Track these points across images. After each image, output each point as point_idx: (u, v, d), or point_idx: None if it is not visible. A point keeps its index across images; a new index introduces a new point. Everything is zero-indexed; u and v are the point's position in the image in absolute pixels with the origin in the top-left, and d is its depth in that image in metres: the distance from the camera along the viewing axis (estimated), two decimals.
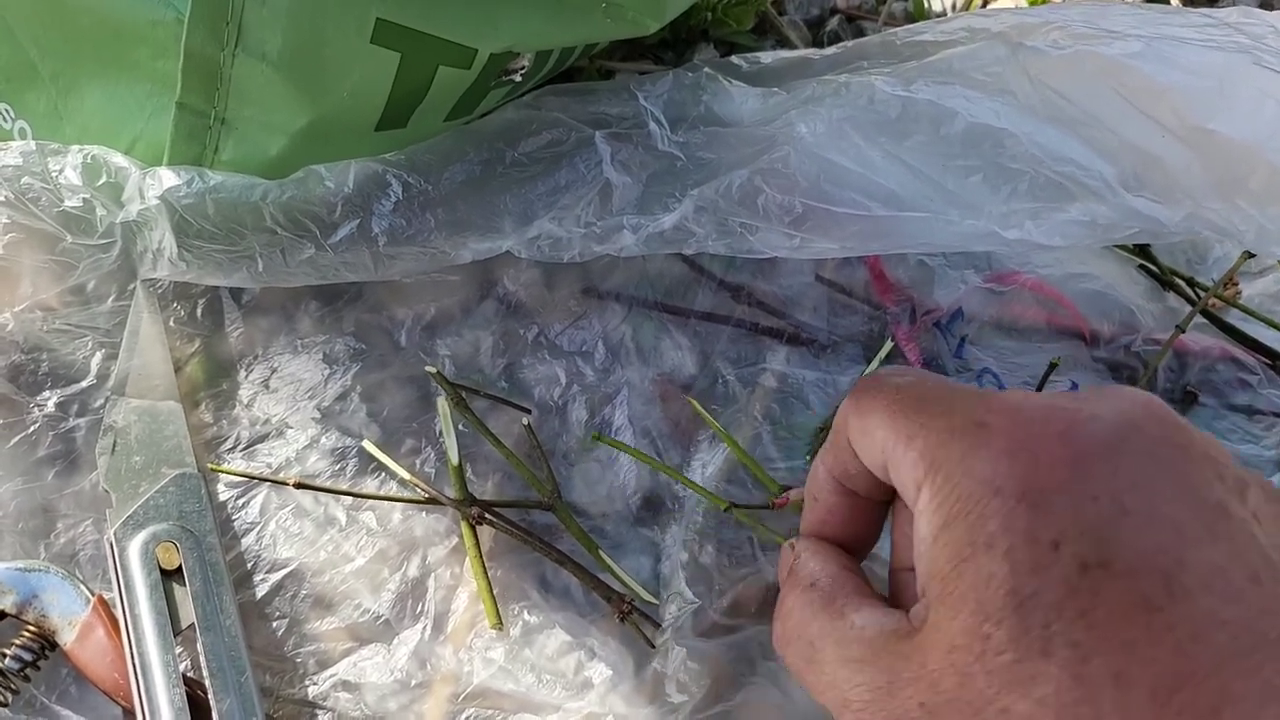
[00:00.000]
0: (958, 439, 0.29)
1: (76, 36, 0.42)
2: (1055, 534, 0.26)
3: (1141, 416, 0.28)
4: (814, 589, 0.33)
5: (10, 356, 0.45)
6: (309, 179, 0.44)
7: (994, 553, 0.27)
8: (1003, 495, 0.27)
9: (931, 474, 0.29)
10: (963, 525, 0.28)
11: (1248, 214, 0.44)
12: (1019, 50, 0.45)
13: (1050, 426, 0.28)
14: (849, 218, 0.45)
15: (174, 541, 0.42)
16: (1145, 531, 0.26)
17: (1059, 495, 0.27)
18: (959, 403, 0.30)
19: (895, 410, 0.31)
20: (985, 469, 0.28)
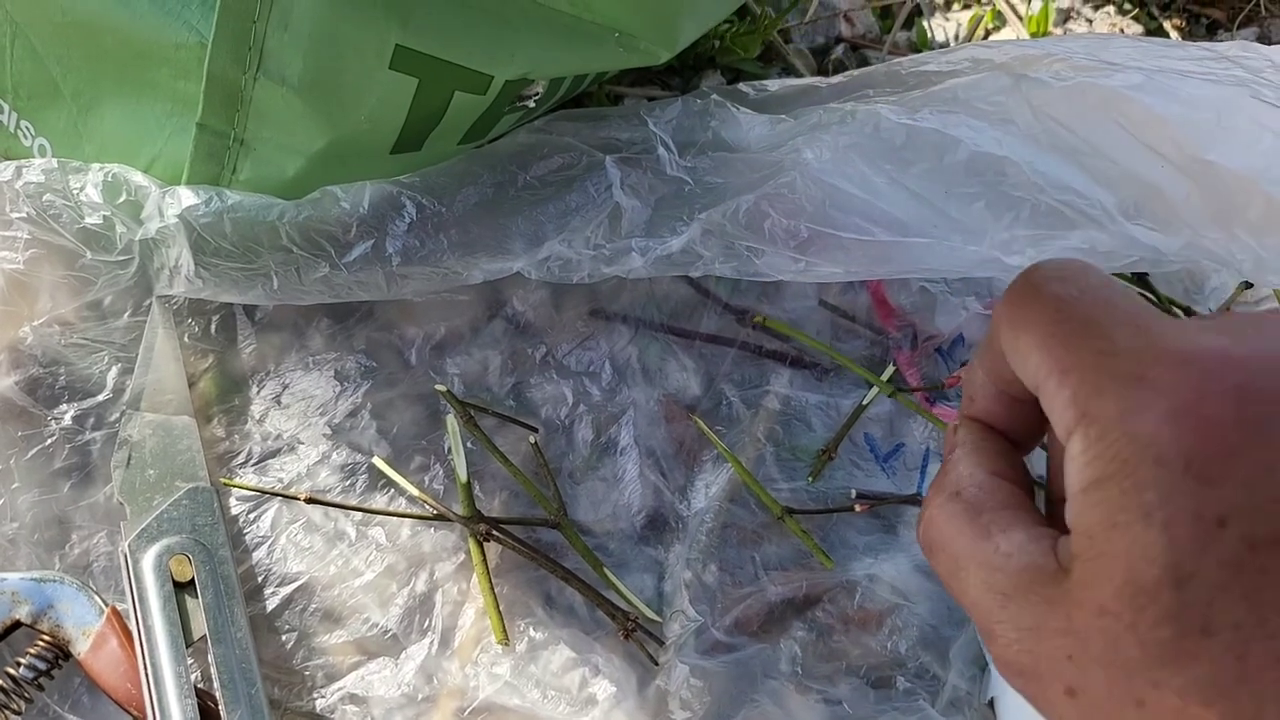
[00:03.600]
0: (1116, 390, 0.26)
1: (99, 56, 0.43)
2: (1223, 509, 0.25)
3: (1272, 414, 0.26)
4: (958, 498, 0.31)
5: (29, 370, 0.46)
6: (325, 199, 0.45)
7: (1151, 524, 0.25)
8: (1164, 463, 0.25)
9: (1084, 424, 0.27)
10: (1117, 488, 0.26)
11: (1245, 244, 0.45)
12: (1022, 81, 0.46)
13: (1224, 381, 0.26)
14: (854, 243, 0.46)
15: (187, 554, 0.43)
16: None
17: (1229, 466, 0.25)
18: (1122, 339, 0.27)
19: (1052, 335, 0.28)
20: (1146, 430, 0.25)
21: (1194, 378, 0.26)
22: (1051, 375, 0.28)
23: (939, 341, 0.56)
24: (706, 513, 0.49)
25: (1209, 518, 0.24)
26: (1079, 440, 0.27)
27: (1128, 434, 0.26)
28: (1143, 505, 0.25)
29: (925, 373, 0.55)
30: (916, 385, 0.54)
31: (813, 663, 0.47)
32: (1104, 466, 0.26)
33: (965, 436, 0.33)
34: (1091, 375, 0.27)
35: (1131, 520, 0.25)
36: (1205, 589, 0.24)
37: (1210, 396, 0.25)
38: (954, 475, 0.32)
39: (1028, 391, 0.31)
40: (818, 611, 0.48)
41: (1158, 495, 0.25)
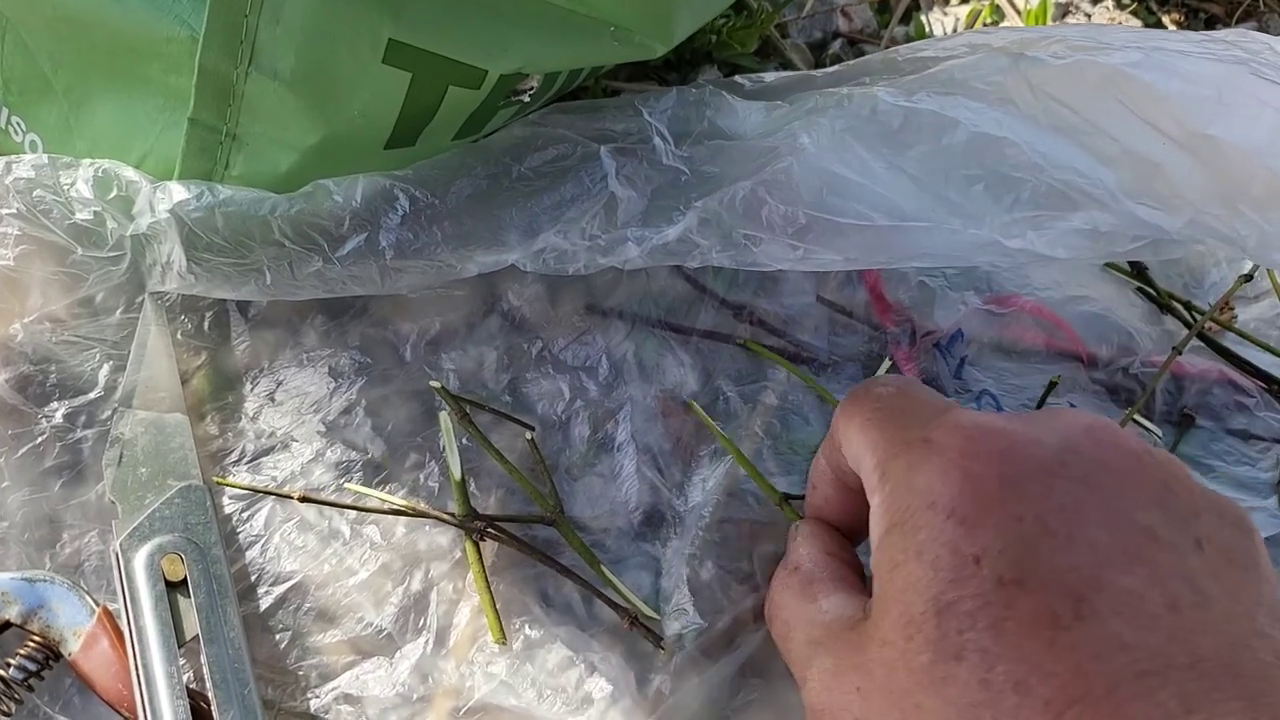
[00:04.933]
0: (905, 452, 0.31)
1: (90, 51, 0.42)
2: (978, 549, 0.28)
3: (1083, 441, 0.30)
4: (797, 573, 0.37)
5: (19, 367, 0.45)
6: (317, 193, 0.45)
7: (922, 561, 0.29)
8: (935, 509, 0.29)
9: (881, 483, 0.31)
10: (899, 533, 0.30)
11: (1250, 220, 0.45)
12: (1020, 60, 0.46)
13: (990, 445, 0.30)
14: (852, 228, 0.46)
15: (179, 553, 0.43)
16: (1063, 552, 0.28)
17: (986, 512, 0.28)
18: (918, 417, 0.32)
19: (869, 421, 0.34)
20: (923, 482, 0.30)
21: (968, 441, 0.30)
22: (865, 452, 0.33)
23: (937, 337, 0.55)
24: (704, 508, 0.49)
25: (967, 555, 0.28)
26: (877, 497, 0.32)
27: (910, 485, 0.30)
28: (917, 545, 0.29)
29: (924, 368, 0.55)
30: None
31: None
32: (892, 515, 0.30)
33: (804, 529, 0.39)
34: (891, 445, 0.32)
35: (908, 558, 0.29)
36: (960, 618, 0.28)
37: (976, 456, 0.30)
38: (794, 555, 0.38)
39: (859, 481, 0.35)
40: None
41: (927, 535, 0.29)
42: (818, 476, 0.39)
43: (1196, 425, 0.58)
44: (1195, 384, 0.59)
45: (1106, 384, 0.58)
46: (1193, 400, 0.59)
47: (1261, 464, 0.57)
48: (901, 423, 0.33)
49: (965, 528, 0.29)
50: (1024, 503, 0.29)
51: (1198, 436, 0.58)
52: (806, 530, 0.39)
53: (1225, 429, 0.58)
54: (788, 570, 0.37)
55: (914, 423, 0.32)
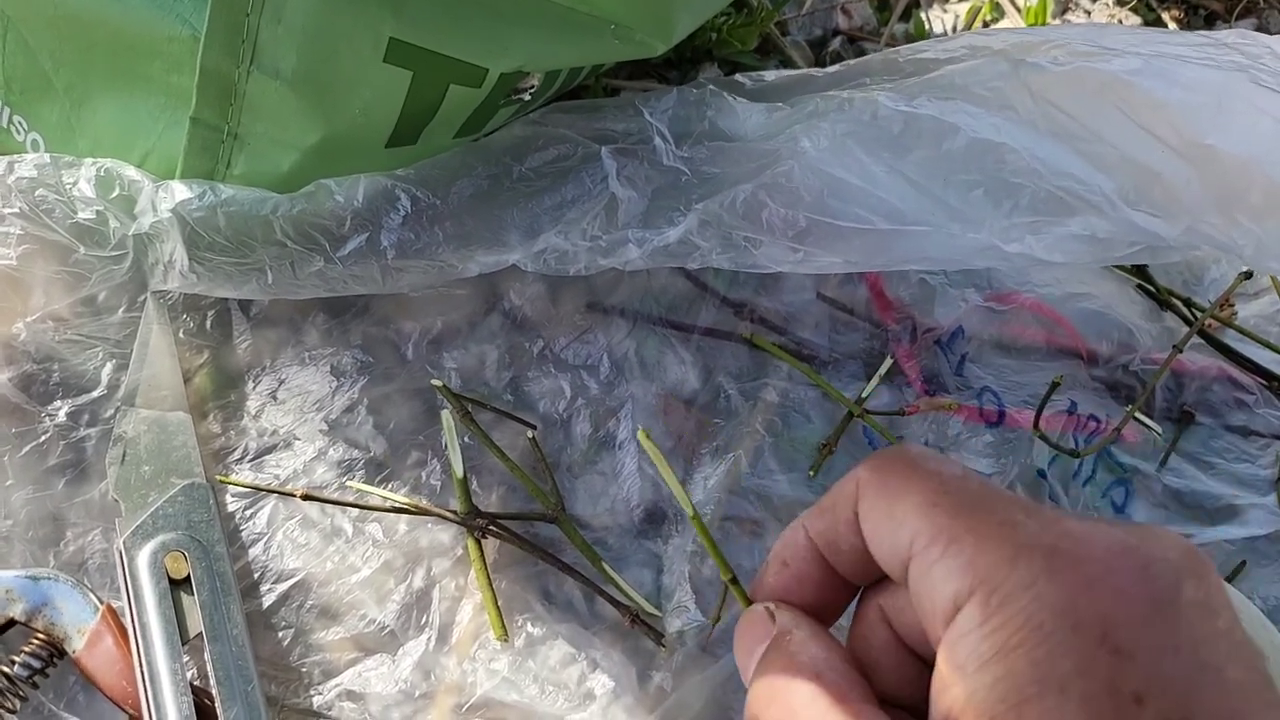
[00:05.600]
0: (1025, 557, 0.26)
1: (91, 50, 0.42)
2: (1139, 686, 0.24)
3: (1193, 564, 0.26)
4: (821, 681, 0.29)
5: (22, 366, 0.45)
6: (319, 193, 0.45)
7: (1068, 697, 0.24)
8: (1081, 632, 0.24)
9: (986, 592, 0.25)
10: (1026, 658, 0.25)
11: (1246, 228, 0.45)
12: (1020, 66, 0.46)
13: (1129, 560, 0.26)
14: (852, 232, 0.46)
15: (182, 551, 0.43)
16: (1221, 693, 0.25)
17: (1142, 642, 0.24)
18: (1018, 515, 0.27)
19: (936, 504, 0.27)
20: (1061, 598, 0.25)
21: (1104, 554, 0.25)
22: (936, 542, 0.27)
23: (938, 334, 0.55)
24: (705, 506, 0.49)
25: (1127, 693, 0.24)
26: (975, 610, 0.26)
27: (1039, 599, 0.25)
28: (1058, 676, 0.24)
29: (924, 365, 0.55)
30: (915, 378, 0.54)
31: None
32: (1009, 635, 0.25)
33: (796, 620, 0.31)
34: (993, 544, 0.26)
35: (1045, 691, 0.24)
36: None
37: (1122, 571, 0.25)
38: (808, 656, 0.29)
39: (853, 567, 0.30)
40: None
41: (1075, 665, 0.24)
42: (792, 553, 0.32)
43: (1196, 422, 0.58)
44: (1195, 381, 0.59)
45: (1107, 381, 0.58)
46: (1193, 397, 0.59)
47: (1261, 461, 0.57)
48: (991, 518, 0.27)
49: (1121, 659, 0.24)
50: (1175, 632, 0.25)
51: (1197, 433, 0.58)
52: (804, 624, 0.31)
53: (1225, 426, 0.58)
54: (805, 675, 0.29)
55: (1014, 521, 0.27)
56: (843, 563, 0.31)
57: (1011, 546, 0.26)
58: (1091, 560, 0.25)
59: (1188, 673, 0.24)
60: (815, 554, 0.31)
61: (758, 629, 0.31)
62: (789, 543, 0.32)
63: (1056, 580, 0.25)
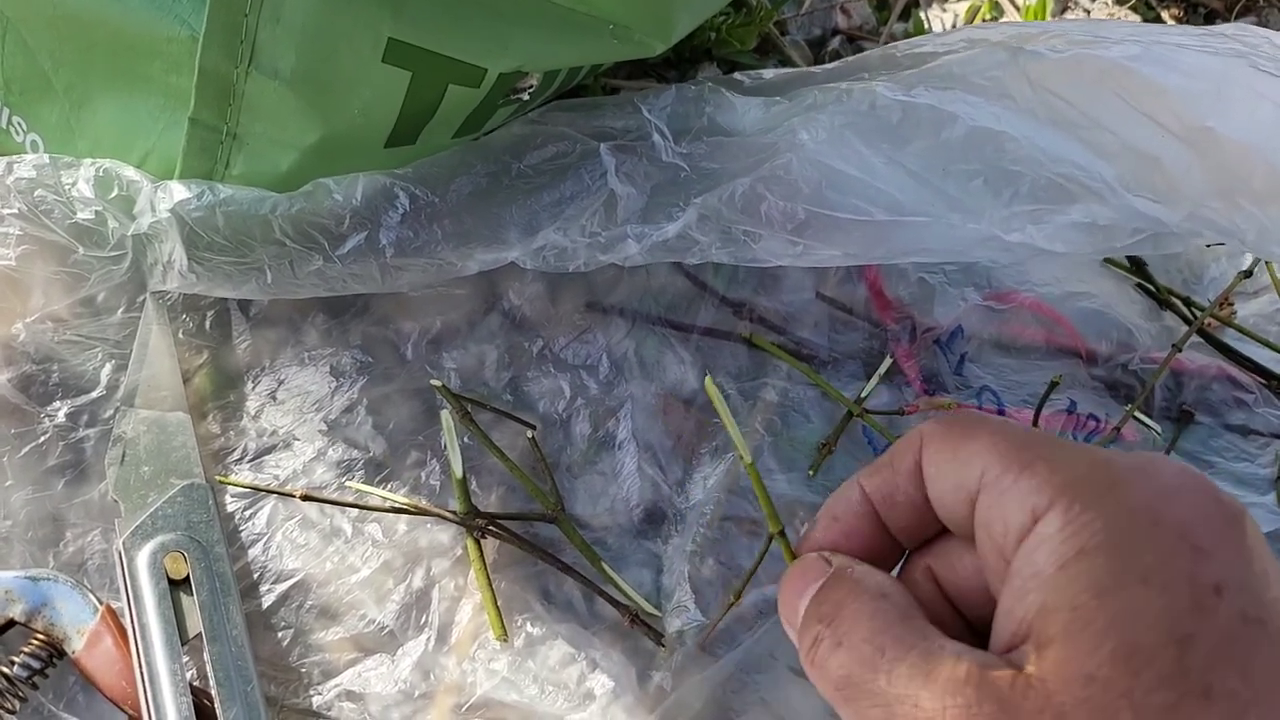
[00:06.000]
0: (1101, 472, 0.27)
1: (90, 50, 0.42)
2: (1217, 579, 0.25)
3: (1244, 512, 0.28)
4: (886, 600, 0.29)
5: (21, 367, 0.45)
6: (317, 192, 0.45)
7: (1149, 587, 0.25)
8: (1163, 527, 0.26)
9: (1065, 501, 0.27)
10: (1107, 555, 0.26)
11: (1249, 213, 0.45)
12: (1019, 54, 0.46)
13: (1199, 482, 0.27)
14: (851, 224, 0.46)
15: (182, 551, 0.43)
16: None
17: (1220, 543, 0.26)
18: (1084, 447, 0.29)
19: (1005, 441, 0.29)
20: (1140, 501, 0.26)
21: (1172, 472, 0.27)
22: (1010, 470, 0.28)
23: (937, 333, 0.55)
24: (705, 505, 0.49)
25: (1206, 584, 0.25)
26: (1055, 518, 0.27)
27: (1119, 502, 0.26)
28: (1140, 568, 0.25)
29: (924, 365, 0.55)
30: (915, 377, 0.54)
31: None
32: (1091, 536, 0.26)
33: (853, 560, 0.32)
34: (1066, 464, 0.28)
35: (1127, 582, 0.25)
36: (1204, 654, 0.25)
37: (1193, 488, 0.27)
38: (873, 581, 0.30)
39: (906, 521, 0.32)
40: None
41: (1155, 557, 0.25)
42: (845, 508, 0.33)
43: (1196, 421, 0.58)
44: (1194, 380, 0.59)
45: (1106, 380, 0.58)
46: (1192, 396, 0.59)
47: (1260, 460, 0.57)
48: (1058, 445, 0.28)
49: (1200, 555, 0.25)
50: (1246, 543, 0.26)
51: (1197, 433, 0.58)
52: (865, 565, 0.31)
53: (1224, 425, 0.58)
54: (870, 595, 0.29)
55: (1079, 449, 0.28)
56: (896, 517, 0.32)
57: (1088, 464, 0.27)
58: (1167, 476, 0.27)
59: (1261, 575, 0.26)
60: (868, 509, 0.32)
61: (811, 572, 0.32)
62: (841, 497, 0.33)
63: (1137, 488, 0.27)
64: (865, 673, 0.28)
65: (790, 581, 0.32)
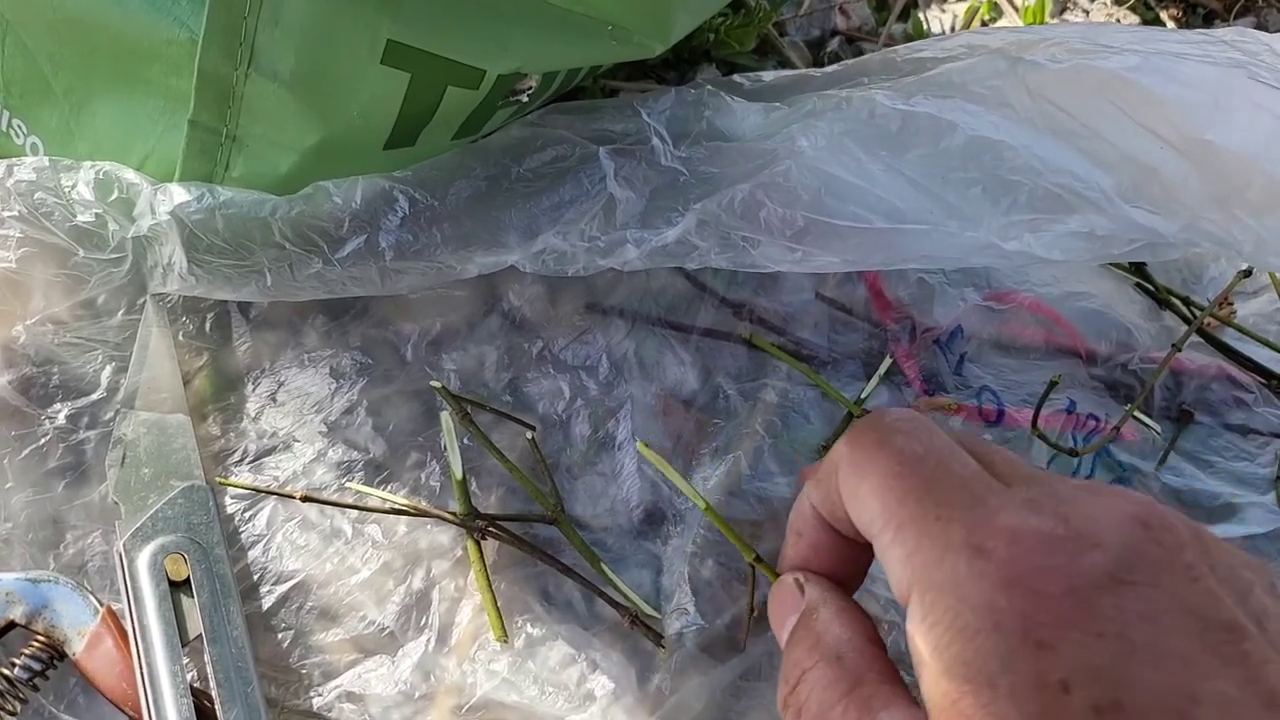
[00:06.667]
0: (951, 558, 0.27)
1: (90, 53, 0.42)
2: (1063, 674, 0.25)
3: (1140, 537, 0.27)
4: (839, 663, 0.30)
5: (22, 369, 0.45)
6: (317, 195, 0.45)
7: (997, 692, 0.25)
8: (1003, 630, 0.26)
9: (920, 588, 0.27)
10: (956, 657, 0.26)
11: (1246, 224, 0.45)
12: (1018, 64, 0.46)
13: (1051, 559, 0.26)
14: (850, 231, 0.46)
15: (182, 553, 0.43)
16: (1155, 668, 0.25)
17: (1064, 633, 0.25)
18: (959, 506, 0.28)
19: (890, 489, 0.29)
20: (982, 599, 0.26)
21: (1026, 553, 0.26)
22: (887, 528, 0.28)
23: (937, 334, 0.55)
24: None
25: (1052, 683, 0.25)
26: (916, 605, 0.27)
27: (964, 600, 0.26)
28: (987, 673, 0.25)
29: (924, 365, 0.55)
30: (915, 378, 0.54)
31: None
32: (942, 633, 0.26)
33: (824, 595, 0.33)
34: (927, 540, 0.27)
35: (977, 688, 0.25)
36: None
37: (1041, 571, 0.26)
38: (830, 637, 0.31)
39: (856, 532, 0.31)
40: None
41: (999, 662, 0.25)
42: (802, 523, 0.34)
43: (1195, 421, 0.58)
44: (1194, 380, 0.59)
45: (1105, 380, 0.58)
46: (1191, 396, 0.59)
47: (1260, 459, 0.57)
48: (933, 507, 0.28)
49: (1043, 651, 0.25)
50: (1101, 619, 0.25)
51: (1196, 432, 0.58)
52: (830, 600, 0.32)
53: (1224, 424, 0.58)
54: (825, 659, 0.30)
55: (954, 512, 0.28)
56: (845, 528, 0.32)
57: (941, 547, 0.27)
58: (1014, 560, 0.26)
59: (1114, 658, 0.25)
60: (821, 521, 0.33)
61: (788, 600, 0.33)
62: (799, 513, 0.34)
63: (977, 583, 0.26)
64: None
65: (772, 607, 0.33)
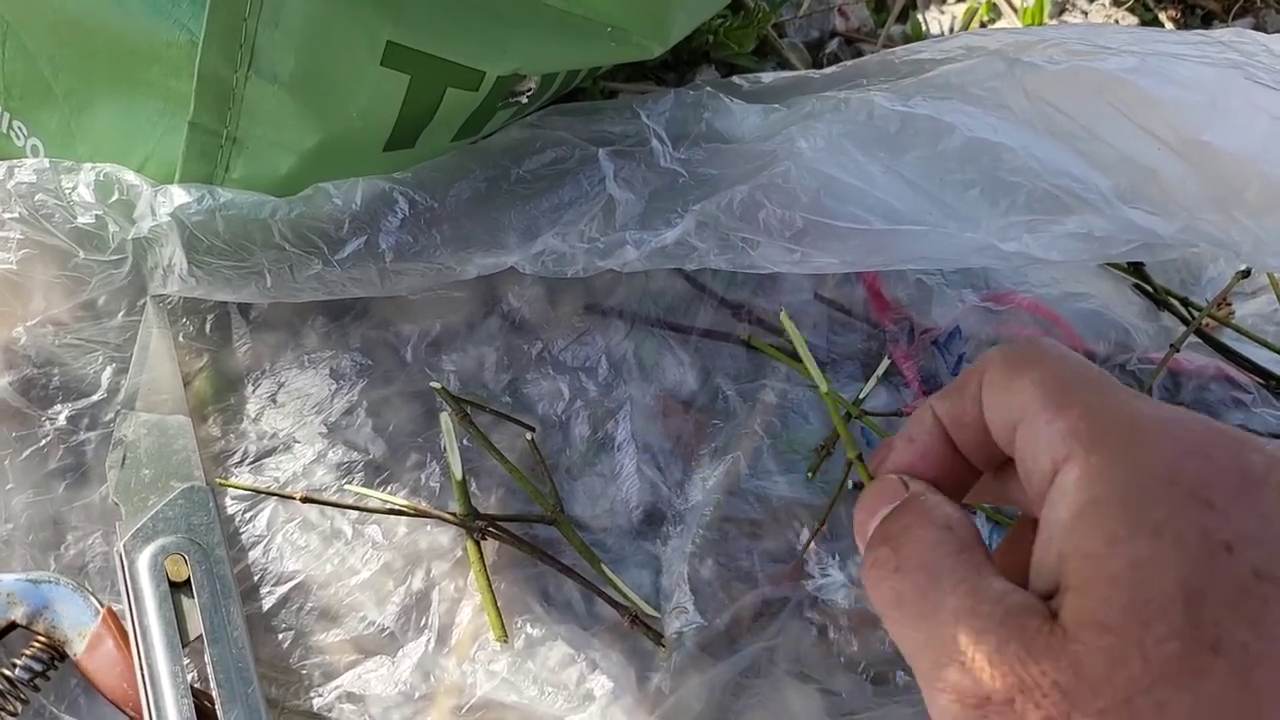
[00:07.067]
0: (1126, 425, 0.28)
1: (91, 55, 0.42)
2: (1229, 535, 0.26)
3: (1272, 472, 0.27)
4: (949, 531, 0.30)
5: (22, 370, 0.46)
6: (317, 196, 0.45)
7: (1161, 540, 0.26)
8: (1176, 484, 0.26)
9: (1086, 451, 0.27)
10: (1121, 506, 0.26)
11: (1244, 225, 0.45)
12: (1016, 66, 0.46)
13: (1224, 440, 0.27)
14: (849, 232, 0.46)
15: (182, 554, 0.43)
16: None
17: (1235, 500, 0.26)
18: (1122, 392, 0.29)
19: (1053, 377, 0.29)
20: (1158, 458, 0.27)
21: (1199, 430, 0.28)
22: (1046, 409, 0.29)
23: (935, 334, 0.55)
24: (704, 507, 0.49)
25: (1217, 540, 0.25)
26: (1075, 466, 0.27)
27: (1137, 458, 0.27)
28: (1152, 521, 0.26)
29: (922, 366, 0.55)
30: (912, 379, 0.54)
31: (811, 657, 0.47)
32: (1107, 487, 0.27)
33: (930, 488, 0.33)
34: (1096, 412, 0.28)
35: (1139, 534, 0.26)
36: (1215, 607, 0.25)
37: (1216, 444, 0.27)
38: (941, 512, 0.31)
39: (975, 445, 0.32)
40: (816, 607, 0.48)
41: (1168, 511, 0.26)
42: (920, 430, 0.34)
43: None
44: (1192, 380, 0.59)
45: None
46: (1190, 396, 0.59)
47: None
48: (1100, 390, 0.29)
49: (1214, 511, 0.26)
50: (1266, 500, 0.26)
51: None
52: (939, 494, 0.32)
53: None
54: (935, 525, 0.30)
55: (1119, 395, 0.28)
56: (965, 440, 0.33)
57: (1113, 414, 0.28)
58: (1190, 435, 0.27)
59: (1276, 535, 0.26)
60: (940, 431, 0.33)
61: (889, 492, 0.33)
62: (916, 420, 0.34)
63: (1158, 445, 0.27)
64: (916, 598, 0.29)
65: (866, 501, 0.33)
